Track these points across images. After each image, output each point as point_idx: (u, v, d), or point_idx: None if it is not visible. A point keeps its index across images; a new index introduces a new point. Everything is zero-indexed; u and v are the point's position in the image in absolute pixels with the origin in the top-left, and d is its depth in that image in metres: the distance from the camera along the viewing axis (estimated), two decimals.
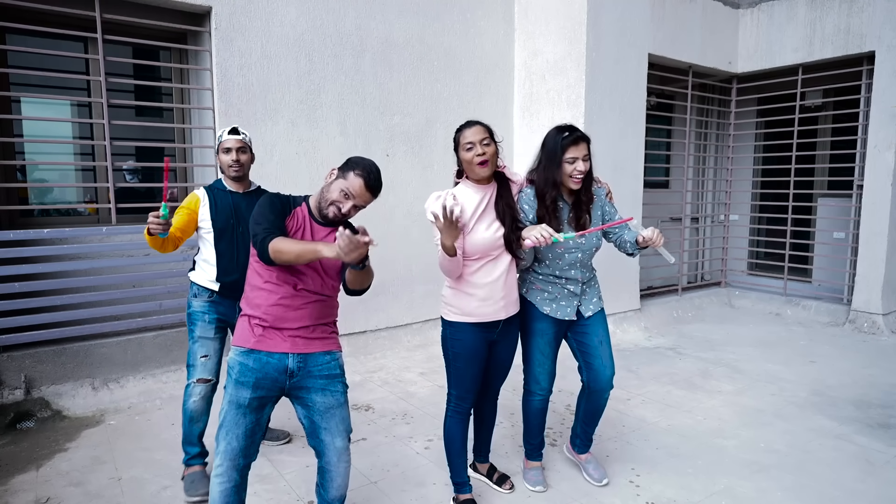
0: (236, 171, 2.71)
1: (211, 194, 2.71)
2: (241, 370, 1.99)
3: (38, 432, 3.28)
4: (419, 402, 3.78)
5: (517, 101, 5.52)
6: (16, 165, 3.91)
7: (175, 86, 4.17)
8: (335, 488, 2.10)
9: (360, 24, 4.51)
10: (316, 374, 2.05)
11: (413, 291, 4.95)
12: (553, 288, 2.57)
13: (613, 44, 5.10)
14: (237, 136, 2.72)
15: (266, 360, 1.99)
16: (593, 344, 2.62)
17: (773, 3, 6.25)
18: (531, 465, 2.80)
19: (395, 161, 4.80)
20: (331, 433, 2.06)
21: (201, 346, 2.71)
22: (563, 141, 2.41)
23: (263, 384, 1.99)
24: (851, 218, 5.97)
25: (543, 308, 2.56)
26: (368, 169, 2.05)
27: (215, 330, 2.75)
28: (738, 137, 7.13)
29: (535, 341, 2.61)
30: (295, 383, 2.04)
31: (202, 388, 2.71)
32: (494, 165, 2.34)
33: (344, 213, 2.05)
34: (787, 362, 4.64)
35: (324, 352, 2.08)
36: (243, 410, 1.97)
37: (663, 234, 2.42)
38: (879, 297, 5.48)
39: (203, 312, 2.74)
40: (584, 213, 2.51)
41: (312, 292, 2.06)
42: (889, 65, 5.36)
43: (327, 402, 2.06)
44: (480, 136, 2.28)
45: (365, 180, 2.03)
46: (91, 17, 3.60)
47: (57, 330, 3.55)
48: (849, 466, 2.94)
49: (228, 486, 1.99)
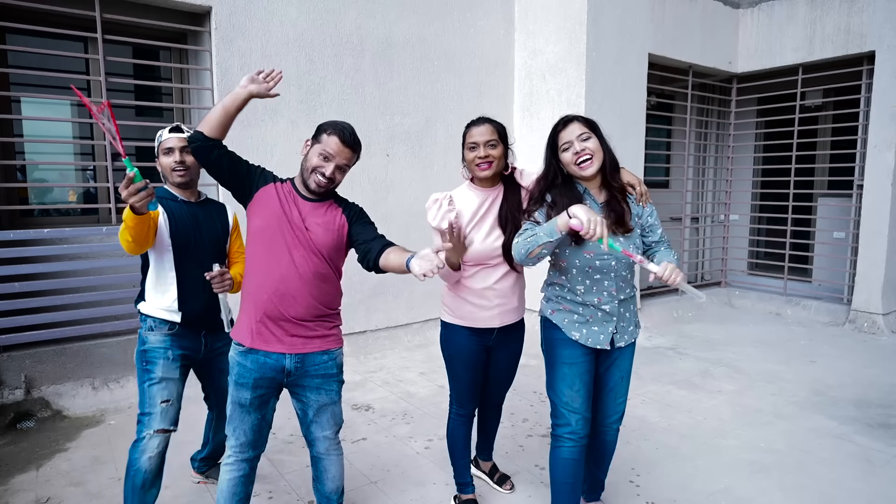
0: (181, 174, 2.26)
1: (165, 205, 2.24)
2: (239, 371, 2.00)
3: (38, 432, 3.28)
4: (419, 402, 3.78)
5: (517, 100, 5.52)
6: (16, 165, 3.91)
7: (175, 86, 4.17)
8: (330, 480, 2.14)
9: (360, 24, 4.51)
10: (312, 374, 2.04)
11: (413, 291, 4.95)
12: (584, 309, 2.09)
13: (613, 44, 5.10)
14: (180, 133, 2.29)
15: (263, 360, 1.99)
16: (614, 380, 2.20)
17: (773, 2, 6.25)
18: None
19: (395, 161, 4.80)
20: (321, 426, 2.11)
21: (163, 388, 2.19)
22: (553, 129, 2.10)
23: (262, 383, 2.01)
24: (851, 218, 5.97)
25: (572, 333, 2.09)
26: (341, 126, 2.02)
27: (181, 369, 2.26)
28: (738, 137, 7.13)
29: (562, 373, 2.11)
30: (292, 381, 2.05)
31: (160, 442, 2.17)
32: (499, 169, 2.21)
33: (329, 176, 1.98)
34: (787, 362, 4.64)
35: (322, 351, 2.05)
36: (246, 409, 2.01)
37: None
38: (879, 296, 5.47)
39: (164, 348, 2.22)
40: (622, 207, 2.06)
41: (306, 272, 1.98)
42: (889, 65, 5.36)
43: (321, 399, 2.08)
44: (486, 138, 2.16)
45: (339, 136, 2.00)
46: (91, 17, 3.60)
47: (57, 330, 3.55)
48: (849, 466, 2.94)
49: (237, 475, 2.03)
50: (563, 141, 2.04)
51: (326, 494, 2.16)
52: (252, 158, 4.22)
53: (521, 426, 3.42)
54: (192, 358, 2.33)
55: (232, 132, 4.37)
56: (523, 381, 4.16)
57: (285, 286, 1.97)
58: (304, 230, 1.99)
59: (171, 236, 2.21)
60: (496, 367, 2.45)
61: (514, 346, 2.47)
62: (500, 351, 2.41)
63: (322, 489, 2.16)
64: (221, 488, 2.03)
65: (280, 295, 1.97)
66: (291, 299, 1.98)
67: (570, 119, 2.07)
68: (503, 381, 2.53)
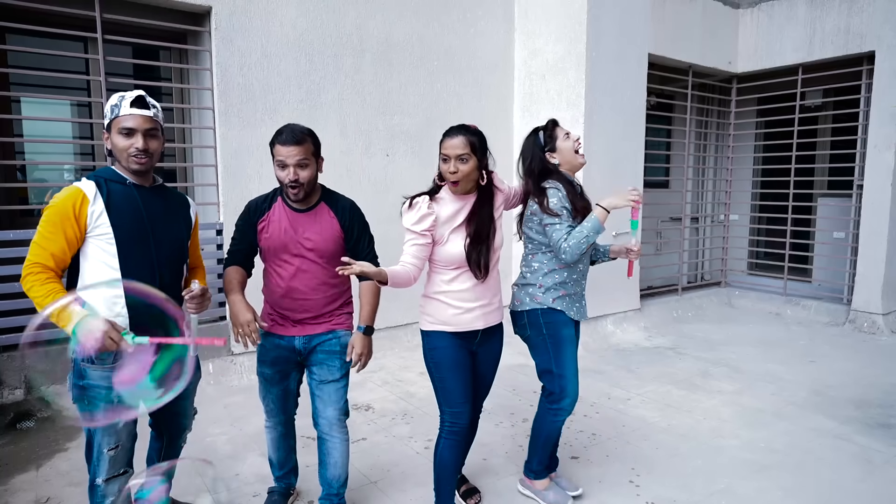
0: (140, 162, 1.84)
1: (104, 188, 1.81)
2: (260, 351, 2.30)
3: (38, 432, 3.28)
4: (419, 402, 3.78)
5: (517, 100, 5.52)
6: (16, 165, 3.90)
7: (175, 86, 4.16)
8: (332, 465, 2.28)
9: (360, 24, 4.51)
10: (318, 350, 2.25)
11: (413, 291, 4.92)
12: (576, 289, 2.45)
13: (613, 44, 5.10)
14: (144, 110, 1.83)
15: (277, 342, 2.25)
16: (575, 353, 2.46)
17: (773, 3, 6.25)
18: (548, 483, 2.60)
19: (395, 161, 4.80)
20: (323, 402, 2.25)
21: (108, 435, 1.85)
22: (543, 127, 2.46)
23: (279, 361, 2.27)
24: (851, 218, 5.98)
25: (570, 312, 2.41)
26: (279, 131, 2.09)
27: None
28: (738, 137, 7.13)
29: (568, 350, 2.41)
30: (304, 359, 2.29)
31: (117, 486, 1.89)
32: (470, 183, 2.16)
33: (292, 180, 2.05)
34: (787, 362, 4.64)
35: (327, 331, 2.25)
36: (269, 383, 2.32)
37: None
38: (879, 297, 5.48)
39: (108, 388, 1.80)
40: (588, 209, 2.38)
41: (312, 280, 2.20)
42: (889, 65, 5.36)
43: (323, 374, 2.25)
44: (458, 151, 2.09)
45: (278, 140, 2.06)
46: (91, 17, 3.60)
47: (57, 330, 3.53)
48: (849, 466, 2.94)
49: (276, 433, 2.41)
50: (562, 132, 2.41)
51: (328, 480, 2.30)
52: (252, 158, 4.25)
53: (521, 426, 3.42)
54: None
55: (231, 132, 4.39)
56: (523, 381, 4.16)
57: (296, 293, 2.19)
58: (303, 245, 2.16)
59: (113, 227, 1.78)
60: (479, 370, 2.36)
61: (496, 348, 2.41)
62: (484, 354, 2.36)
63: (325, 474, 2.32)
64: (268, 443, 2.43)
65: (292, 300, 2.21)
66: (302, 302, 2.21)
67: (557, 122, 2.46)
68: (485, 385, 2.44)
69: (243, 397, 3.79)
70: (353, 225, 2.23)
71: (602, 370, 4.38)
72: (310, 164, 2.09)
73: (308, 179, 2.08)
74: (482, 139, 2.19)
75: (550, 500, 2.54)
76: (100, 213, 1.79)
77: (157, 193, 1.97)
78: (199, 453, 3.03)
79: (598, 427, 3.39)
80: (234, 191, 4.03)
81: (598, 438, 3.25)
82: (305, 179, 2.08)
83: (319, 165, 2.18)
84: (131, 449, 1.99)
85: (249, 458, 2.99)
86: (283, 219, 2.16)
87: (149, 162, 1.88)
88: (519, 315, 2.47)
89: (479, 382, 2.40)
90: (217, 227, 4.04)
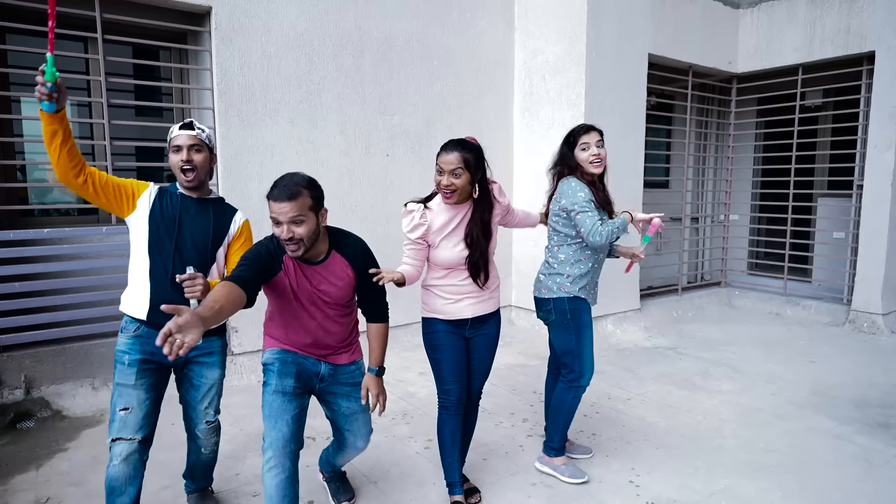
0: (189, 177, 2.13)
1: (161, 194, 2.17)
2: (281, 364, 2.13)
3: (38, 432, 3.28)
4: (419, 402, 3.78)
5: (517, 100, 5.52)
6: (16, 165, 3.91)
7: (175, 86, 4.17)
8: (342, 458, 2.48)
9: (360, 24, 4.51)
10: (342, 382, 2.26)
11: (413, 291, 4.92)
12: (590, 279, 2.75)
13: (613, 44, 5.10)
14: (190, 130, 2.14)
15: (302, 360, 2.19)
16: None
17: (773, 3, 6.25)
18: (566, 459, 2.88)
19: (395, 161, 4.80)
20: (353, 435, 2.31)
21: (119, 396, 2.10)
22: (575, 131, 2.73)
23: (302, 377, 2.17)
24: (851, 218, 5.97)
25: (589, 299, 2.76)
26: (272, 186, 1.97)
27: (137, 375, 2.10)
28: (738, 137, 7.13)
29: (589, 333, 2.74)
30: (324, 388, 2.25)
31: (122, 450, 2.07)
32: (463, 196, 2.27)
33: (287, 238, 1.94)
34: (787, 362, 4.64)
35: (350, 362, 2.29)
36: (289, 397, 2.09)
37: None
38: (879, 297, 5.48)
39: (123, 352, 2.12)
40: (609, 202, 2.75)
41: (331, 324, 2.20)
42: (889, 65, 5.36)
43: (352, 407, 2.28)
44: (452, 166, 2.20)
45: (271, 196, 1.95)
46: (91, 17, 3.60)
47: (57, 330, 3.55)
48: (849, 466, 2.94)
49: (283, 476, 1.98)
50: (582, 141, 2.68)
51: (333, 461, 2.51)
52: (252, 158, 4.26)
53: (521, 426, 3.42)
54: (157, 363, 2.15)
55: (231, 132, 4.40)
56: (523, 381, 4.16)
57: (318, 336, 2.18)
58: (320, 298, 2.13)
59: (150, 221, 2.11)
60: (473, 356, 2.52)
61: (489, 334, 2.53)
62: (477, 340, 2.51)
63: (331, 458, 2.51)
64: (270, 494, 1.97)
65: (315, 340, 2.19)
66: (324, 341, 2.21)
67: (592, 128, 2.71)
68: (482, 371, 2.55)
69: (243, 397, 3.79)
70: (365, 266, 2.19)
71: (602, 370, 4.38)
72: (306, 220, 1.95)
73: (305, 236, 1.96)
74: (478, 154, 2.27)
75: (569, 474, 2.77)
76: (144, 206, 2.14)
77: (201, 203, 2.21)
78: None
79: (598, 427, 3.40)
80: (235, 191, 4.03)
81: (598, 438, 3.25)
82: (301, 236, 1.96)
83: (322, 217, 2.05)
84: (144, 418, 2.11)
85: (249, 458, 2.99)
86: (297, 271, 2.08)
87: (195, 175, 2.14)
88: (545, 301, 2.76)
89: (474, 367, 2.53)
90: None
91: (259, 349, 4.21)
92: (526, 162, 5.47)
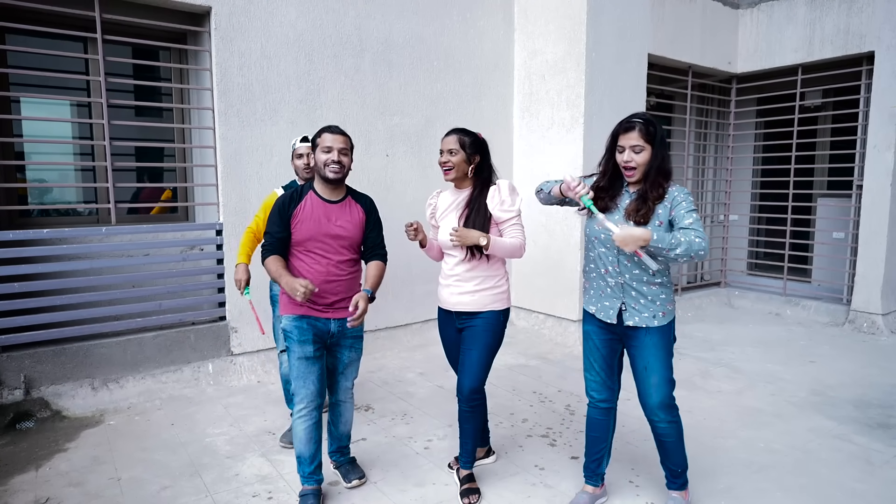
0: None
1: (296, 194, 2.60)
2: (299, 332, 2.48)
3: (37, 432, 3.28)
4: (419, 402, 3.78)
5: (517, 101, 5.52)
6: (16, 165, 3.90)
7: (175, 86, 4.16)
8: (343, 423, 2.75)
9: (359, 24, 4.51)
10: (349, 335, 2.60)
11: (413, 292, 4.95)
12: (596, 283, 2.40)
13: (613, 44, 5.10)
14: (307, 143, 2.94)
15: (314, 322, 2.50)
16: (638, 368, 2.38)
17: (772, 3, 6.25)
18: (585, 488, 2.59)
19: (395, 161, 4.80)
20: (346, 377, 2.68)
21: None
22: (616, 128, 2.31)
23: (318, 340, 2.51)
24: (851, 218, 5.98)
25: (589, 307, 2.44)
26: (325, 126, 2.55)
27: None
28: (738, 137, 7.13)
29: (583, 346, 2.49)
30: (334, 342, 2.58)
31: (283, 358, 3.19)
32: (460, 173, 2.56)
33: (337, 160, 2.44)
34: (787, 362, 4.64)
35: None
36: (311, 360, 2.49)
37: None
38: (879, 297, 5.48)
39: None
40: (646, 206, 2.23)
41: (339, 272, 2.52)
42: (889, 65, 5.36)
43: (352, 356, 2.66)
44: (449, 147, 2.54)
45: (327, 130, 2.49)
46: (91, 17, 3.60)
47: (56, 330, 3.54)
48: (848, 466, 2.94)
49: (310, 423, 2.51)
50: (619, 143, 2.29)
51: (338, 436, 2.77)
52: (252, 158, 4.26)
53: (521, 426, 3.42)
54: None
55: (231, 132, 4.40)
56: (523, 382, 4.16)
57: (331, 275, 2.49)
58: (336, 232, 2.49)
59: None
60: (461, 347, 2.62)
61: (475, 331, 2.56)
62: (464, 331, 2.62)
63: (335, 431, 2.76)
64: (300, 437, 2.50)
65: (327, 283, 2.48)
66: (336, 284, 2.50)
67: (633, 125, 2.25)
68: (466, 364, 2.54)
69: (243, 397, 3.79)
70: (372, 213, 2.63)
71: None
72: (348, 155, 2.50)
73: (347, 164, 2.50)
74: (475, 141, 2.57)
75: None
76: None
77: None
78: (199, 453, 3.04)
79: None
80: (234, 191, 4.03)
81: None
82: (345, 164, 2.49)
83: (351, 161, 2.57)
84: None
85: (249, 458, 2.99)
86: (316, 209, 2.49)
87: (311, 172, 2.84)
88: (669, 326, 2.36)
89: (460, 359, 2.63)
90: (217, 227, 4.04)
91: (259, 349, 4.21)
92: (525, 162, 5.47)
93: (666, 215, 2.24)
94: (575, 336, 5.01)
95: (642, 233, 2.07)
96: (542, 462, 2.97)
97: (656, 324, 2.31)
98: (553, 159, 5.17)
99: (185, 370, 3.95)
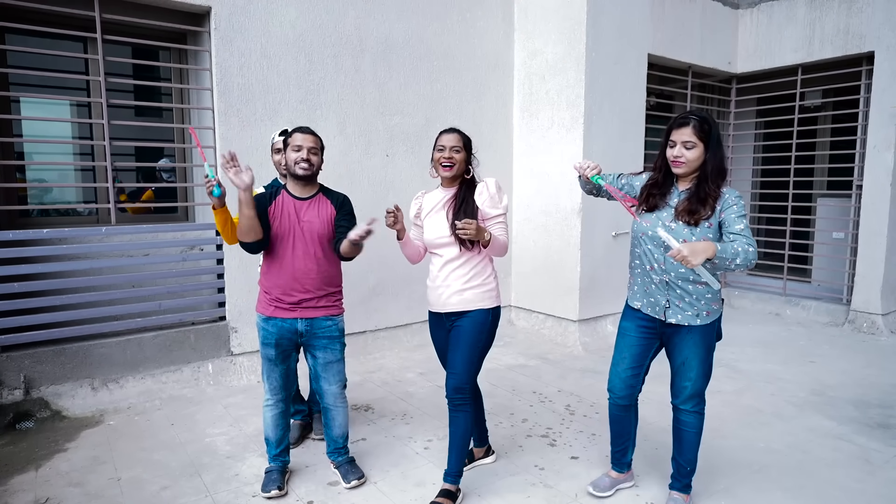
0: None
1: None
2: (264, 334, 2.61)
3: (37, 432, 3.28)
4: (419, 402, 3.78)
5: (516, 101, 5.52)
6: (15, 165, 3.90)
7: (175, 86, 4.16)
8: (337, 426, 2.77)
9: (359, 24, 4.51)
10: (320, 335, 2.63)
11: (413, 291, 4.95)
12: (641, 280, 2.41)
13: (613, 44, 5.10)
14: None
15: (281, 324, 2.59)
16: (676, 363, 2.45)
17: (772, 3, 6.25)
18: (609, 472, 2.72)
19: (394, 161, 4.80)
20: (328, 381, 2.70)
21: None
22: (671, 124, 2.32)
23: (282, 343, 2.61)
24: (851, 218, 5.98)
25: (634, 302, 2.47)
26: (297, 127, 2.65)
27: None
28: (738, 137, 7.13)
29: (616, 340, 2.55)
30: (305, 341, 2.64)
31: None
32: (460, 171, 2.58)
33: (305, 158, 2.53)
34: (787, 362, 4.64)
35: (326, 316, 2.64)
36: (273, 363, 2.64)
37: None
38: (879, 297, 5.48)
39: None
40: (698, 205, 2.22)
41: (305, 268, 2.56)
42: (888, 65, 5.36)
43: (327, 357, 2.66)
44: (452, 143, 2.56)
45: (298, 130, 2.59)
46: (91, 17, 3.60)
47: (56, 330, 3.54)
48: (848, 466, 2.94)
49: (276, 411, 2.69)
50: (672, 138, 2.30)
51: (334, 438, 2.78)
52: (251, 158, 4.26)
53: (521, 426, 3.42)
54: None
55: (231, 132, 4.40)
56: (523, 382, 4.16)
57: (298, 271, 2.56)
58: (304, 227, 2.57)
59: None
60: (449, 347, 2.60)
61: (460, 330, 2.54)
62: (452, 331, 2.61)
63: (331, 433, 2.78)
64: (267, 422, 2.69)
65: (293, 279, 2.55)
66: (303, 281, 2.56)
67: (688, 122, 2.25)
68: (452, 363, 2.53)
69: (243, 397, 3.79)
70: (343, 207, 2.68)
71: (602, 370, 4.37)
72: (318, 154, 2.60)
73: (316, 163, 2.59)
74: (470, 141, 2.65)
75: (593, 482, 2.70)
76: None
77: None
78: (198, 453, 3.04)
79: (598, 427, 3.39)
80: (234, 191, 4.02)
81: (598, 438, 3.25)
82: (314, 163, 2.57)
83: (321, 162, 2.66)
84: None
85: (249, 459, 2.99)
86: (287, 205, 2.59)
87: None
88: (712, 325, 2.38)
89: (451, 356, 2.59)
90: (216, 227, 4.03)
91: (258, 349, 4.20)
92: (525, 162, 5.47)
93: (716, 217, 2.23)
94: (575, 336, 5.02)
95: (706, 246, 2.01)
96: (542, 462, 2.98)
97: (699, 322, 2.32)
98: (553, 159, 5.17)
99: (185, 370, 3.95)
